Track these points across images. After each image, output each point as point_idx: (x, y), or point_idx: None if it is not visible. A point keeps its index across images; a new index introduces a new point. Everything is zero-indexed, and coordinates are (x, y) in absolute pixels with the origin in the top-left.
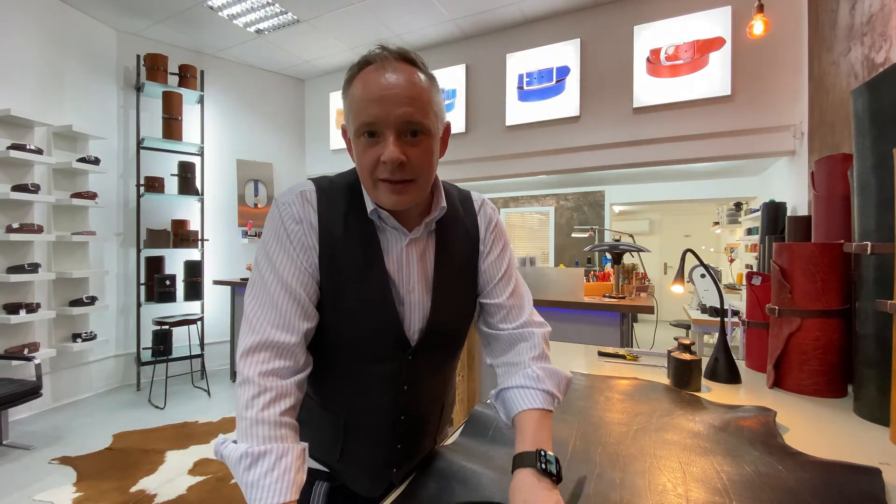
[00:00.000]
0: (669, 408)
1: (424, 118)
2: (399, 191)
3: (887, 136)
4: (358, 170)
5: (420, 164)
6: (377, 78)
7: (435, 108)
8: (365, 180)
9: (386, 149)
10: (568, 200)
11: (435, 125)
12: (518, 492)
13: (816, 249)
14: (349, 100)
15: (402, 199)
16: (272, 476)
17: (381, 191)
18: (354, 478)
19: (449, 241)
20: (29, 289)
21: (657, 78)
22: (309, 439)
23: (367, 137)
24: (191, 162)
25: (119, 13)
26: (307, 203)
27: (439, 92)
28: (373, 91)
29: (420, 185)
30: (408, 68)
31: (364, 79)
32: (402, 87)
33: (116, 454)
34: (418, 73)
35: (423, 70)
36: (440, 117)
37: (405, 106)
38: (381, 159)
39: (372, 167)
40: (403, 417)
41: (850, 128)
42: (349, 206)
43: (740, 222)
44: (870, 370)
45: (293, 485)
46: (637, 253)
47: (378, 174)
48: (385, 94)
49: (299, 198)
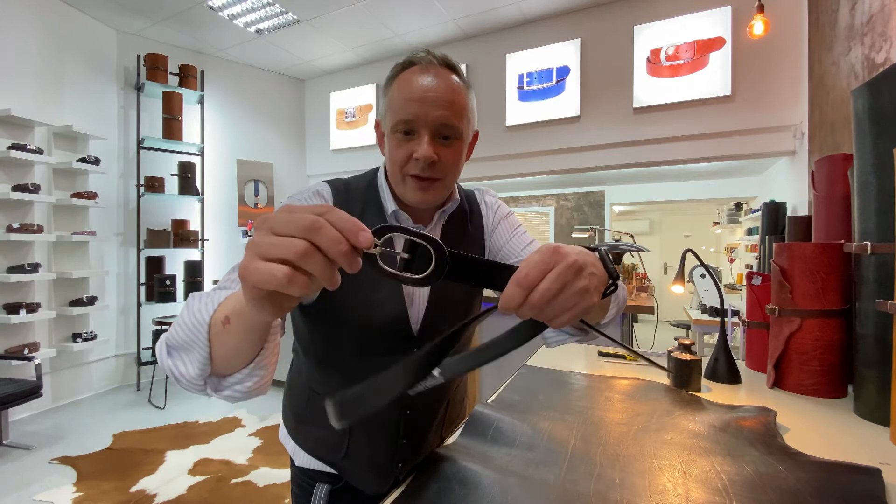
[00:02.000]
0: (669, 408)
1: (459, 122)
2: (425, 188)
3: (887, 136)
4: (388, 163)
5: (449, 164)
6: (419, 79)
7: (469, 115)
8: (394, 174)
9: (420, 146)
10: (568, 200)
11: (467, 130)
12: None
13: (816, 249)
14: (389, 96)
15: (427, 195)
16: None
17: (408, 185)
18: (360, 475)
19: (458, 233)
20: (29, 289)
21: (657, 78)
22: (314, 438)
23: (402, 135)
24: (191, 162)
25: (119, 13)
26: (323, 201)
27: (474, 99)
28: (414, 91)
29: (446, 185)
30: (448, 74)
31: (407, 78)
32: (442, 90)
33: (116, 454)
34: (458, 80)
35: (462, 77)
36: (472, 123)
37: (443, 109)
38: (413, 156)
39: (403, 162)
40: (409, 412)
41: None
42: (365, 207)
43: (740, 222)
44: (870, 370)
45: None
46: (637, 253)
47: (408, 169)
48: (426, 95)
49: (315, 196)
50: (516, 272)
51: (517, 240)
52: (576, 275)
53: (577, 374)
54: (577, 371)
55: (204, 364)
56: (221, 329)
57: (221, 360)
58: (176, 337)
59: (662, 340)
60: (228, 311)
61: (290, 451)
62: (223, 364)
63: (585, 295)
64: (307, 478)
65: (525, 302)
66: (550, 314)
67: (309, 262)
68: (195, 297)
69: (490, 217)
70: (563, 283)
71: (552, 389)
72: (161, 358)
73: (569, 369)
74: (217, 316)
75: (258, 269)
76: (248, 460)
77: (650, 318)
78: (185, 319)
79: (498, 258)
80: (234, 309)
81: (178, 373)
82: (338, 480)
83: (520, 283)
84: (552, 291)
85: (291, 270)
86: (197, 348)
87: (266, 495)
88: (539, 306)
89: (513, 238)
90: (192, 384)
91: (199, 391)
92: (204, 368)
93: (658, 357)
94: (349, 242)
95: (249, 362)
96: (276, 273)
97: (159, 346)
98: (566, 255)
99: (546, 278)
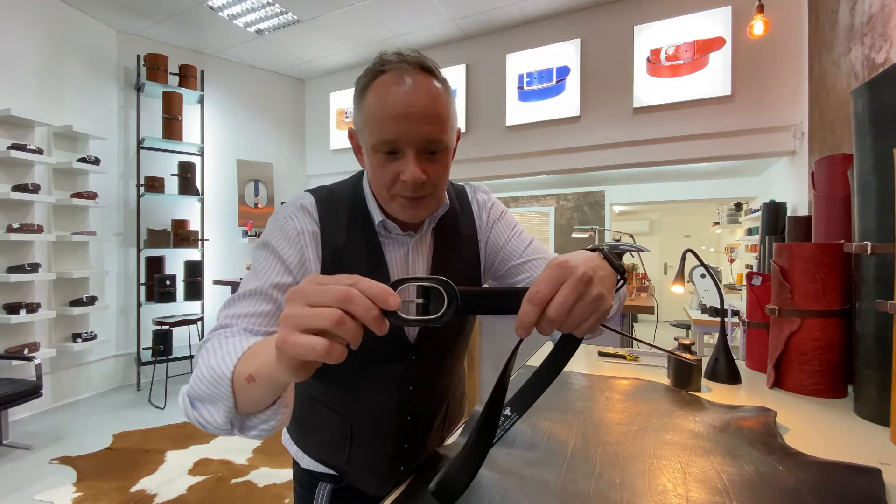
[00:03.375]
0: (669, 408)
1: (444, 135)
2: (416, 205)
3: (887, 136)
4: (372, 182)
5: (438, 179)
6: (397, 92)
7: (452, 121)
8: (381, 193)
9: (407, 168)
10: (568, 200)
11: (451, 138)
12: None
13: (817, 249)
14: (364, 110)
15: (418, 212)
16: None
17: (397, 205)
18: (362, 477)
19: (449, 237)
20: (29, 289)
21: (657, 78)
22: (316, 443)
23: (385, 154)
24: (191, 162)
25: (119, 13)
26: (308, 215)
27: (453, 98)
28: (393, 108)
29: (436, 198)
30: (426, 80)
31: (381, 90)
32: (424, 104)
33: (116, 454)
34: (436, 84)
35: (439, 78)
36: (455, 126)
37: (428, 124)
38: (401, 178)
39: (390, 184)
40: (410, 418)
41: (850, 128)
42: (352, 216)
43: (740, 222)
44: (870, 370)
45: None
46: (637, 253)
47: (396, 190)
48: (408, 112)
49: (300, 210)
50: (528, 292)
51: (517, 240)
52: (587, 285)
53: (577, 374)
54: (577, 371)
55: (229, 412)
56: (245, 384)
57: (246, 407)
58: (197, 390)
59: (662, 340)
60: (253, 370)
61: (294, 454)
62: (248, 408)
63: (601, 301)
64: (310, 477)
65: (542, 318)
66: (571, 325)
67: (343, 329)
68: (209, 350)
69: (484, 217)
70: (578, 295)
71: (552, 389)
72: (185, 410)
73: (569, 369)
74: (240, 371)
75: (298, 342)
76: (248, 460)
77: (650, 318)
78: (203, 374)
79: (497, 260)
80: (260, 371)
81: (206, 421)
82: (340, 480)
83: (531, 300)
84: (568, 304)
85: (330, 342)
86: (222, 400)
87: (266, 495)
88: (558, 320)
89: (512, 239)
90: (219, 430)
91: (227, 434)
92: (230, 415)
93: (658, 357)
94: (379, 308)
95: (273, 404)
96: (317, 346)
97: (182, 399)
98: (574, 268)
99: (559, 293)
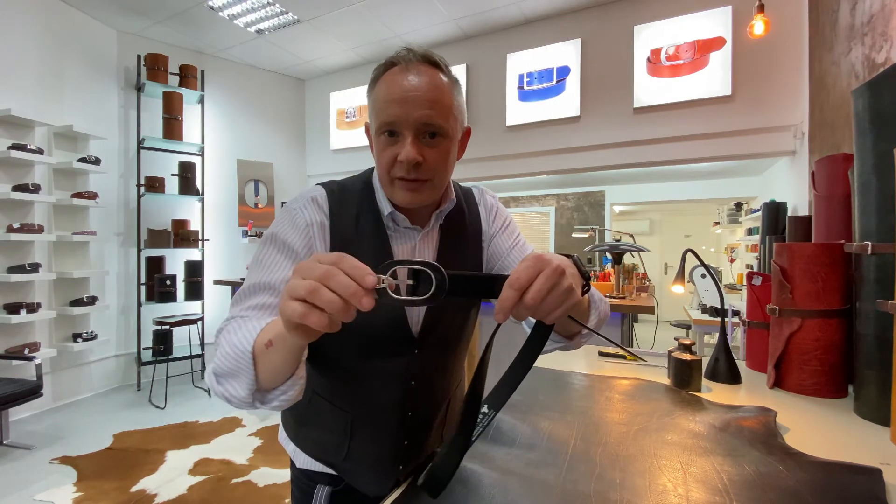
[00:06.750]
0: (670, 408)
1: (444, 121)
2: (414, 189)
3: (887, 136)
4: (377, 168)
5: (436, 165)
6: (400, 79)
7: (455, 112)
8: (382, 177)
9: (404, 148)
10: (568, 200)
11: (454, 128)
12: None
13: (817, 249)
14: (373, 99)
15: (415, 197)
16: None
17: (396, 188)
18: (361, 476)
19: (454, 234)
20: (29, 289)
21: (657, 78)
22: (315, 440)
23: (387, 136)
24: (191, 162)
25: (119, 13)
26: (318, 207)
27: (461, 95)
28: (394, 92)
29: (435, 185)
30: (431, 71)
31: (388, 80)
32: (424, 89)
33: (117, 454)
34: (441, 76)
35: (447, 73)
36: (460, 120)
37: (425, 108)
38: (398, 158)
39: (389, 165)
40: (411, 414)
41: (850, 128)
42: (360, 209)
43: (741, 222)
44: (870, 370)
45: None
46: (637, 253)
47: (395, 172)
48: (407, 95)
49: (310, 202)
50: (509, 278)
51: (518, 252)
52: (560, 276)
53: (577, 374)
54: (577, 371)
55: (251, 385)
56: (265, 350)
57: (266, 377)
58: (222, 367)
59: (662, 340)
60: (272, 335)
61: (291, 453)
62: (267, 380)
63: (571, 293)
64: (308, 479)
65: (520, 302)
66: (544, 312)
67: (316, 298)
68: (230, 331)
69: (490, 222)
70: (552, 284)
71: (552, 389)
72: (212, 386)
73: (569, 369)
74: (260, 340)
75: (286, 306)
76: (249, 460)
77: (650, 318)
78: (227, 351)
79: (496, 266)
80: (277, 334)
81: (230, 395)
82: (338, 482)
83: (512, 285)
84: (543, 291)
85: (307, 308)
86: (243, 373)
87: (266, 495)
88: (533, 305)
89: (514, 249)
90: (242, 402)
91: (249, 407)
92: (251, 388)
93: (658, 357)
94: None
95: (290, 377)
96: (297, 310)
97: (208, 376)
98: (549, 261)
99: (536, 281)
